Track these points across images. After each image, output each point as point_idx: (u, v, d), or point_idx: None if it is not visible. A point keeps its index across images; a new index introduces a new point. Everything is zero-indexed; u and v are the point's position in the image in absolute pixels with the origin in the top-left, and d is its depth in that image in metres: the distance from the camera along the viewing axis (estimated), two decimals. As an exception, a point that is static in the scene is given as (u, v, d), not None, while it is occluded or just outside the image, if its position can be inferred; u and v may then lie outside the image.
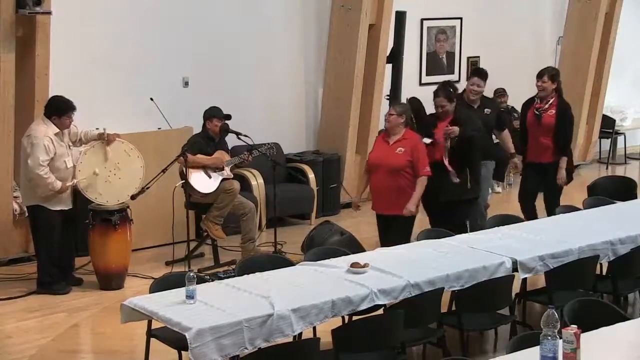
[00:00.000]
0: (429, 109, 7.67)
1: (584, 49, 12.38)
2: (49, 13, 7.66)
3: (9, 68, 7.60)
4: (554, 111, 8.11)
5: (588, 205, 7.65)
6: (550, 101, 8.15)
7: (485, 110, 8.05)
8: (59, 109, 7.15)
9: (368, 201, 7.45)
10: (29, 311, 6.99)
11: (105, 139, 7.41)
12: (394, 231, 6.87)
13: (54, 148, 7.09)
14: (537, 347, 3.97)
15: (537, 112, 8.16)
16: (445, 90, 7.37)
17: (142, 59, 8.96)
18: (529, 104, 8.36)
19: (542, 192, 8.28)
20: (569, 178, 8.21)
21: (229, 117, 8.06)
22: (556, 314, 3.93)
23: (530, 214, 8.06)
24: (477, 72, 8.33)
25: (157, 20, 9.06)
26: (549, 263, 6.02)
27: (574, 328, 3.95)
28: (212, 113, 8.06)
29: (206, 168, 7.89)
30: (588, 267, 6.13)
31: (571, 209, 7.43)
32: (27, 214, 7.59)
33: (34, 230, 7.40)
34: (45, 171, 7.03)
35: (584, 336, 4.01)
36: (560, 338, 3.93)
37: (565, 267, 5.99)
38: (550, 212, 7.72)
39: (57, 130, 7.15)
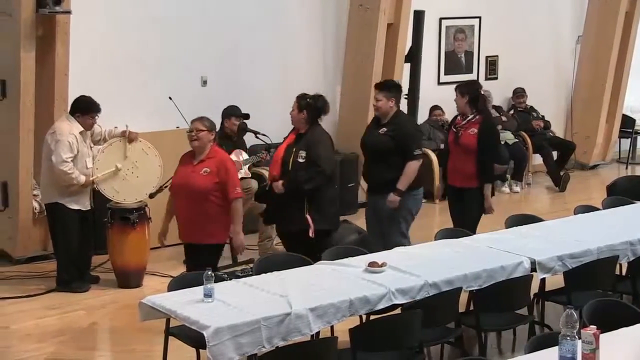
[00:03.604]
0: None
1: (604, 48, 12.31)
2: (69, 12, 7.70)
3: (29, 67, 7.65)
4: (475, 130, 7.15)
5: (607, 205, 7.61)
6: (470, 118, 7.21)
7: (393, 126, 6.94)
8: (83, 108, 7.21)
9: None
10: (48, 309, 7.04)
11: (127, 137, 7.46)
12: (200, 262, 5.94)
13: (77, 145, 7.14)
14: (556, 348, 3.96)
15: (454, 130, 7.32)
16: (300, 100, 6.71)
17: (161, 58, 9.00)
18: (452, 120, 7.59)
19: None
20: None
21: (247, 116, 8.08)
22: (575, 314, 3.92)
23: None
24: (377, 85, 7.20)
25: (176, 19, 9.09)
26: (568, 263, 5.98)
27: (593, 328, 3.93)
28: (230, 112, 8.08)
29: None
30: (607, 268, 6.09)
31: (590, 209, 7.39)
32: (46, 212, 7.64)
33: (53, 229, 7.44)
34: (69, 167, 7.08)
35: (603, 337, 3.99)
36: (579, 338, 3.91)
37: (584, 267, 5.96)
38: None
39: (82, 129, 7.20)
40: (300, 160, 6.59)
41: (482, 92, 7.55)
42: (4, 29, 7.77)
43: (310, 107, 6.66)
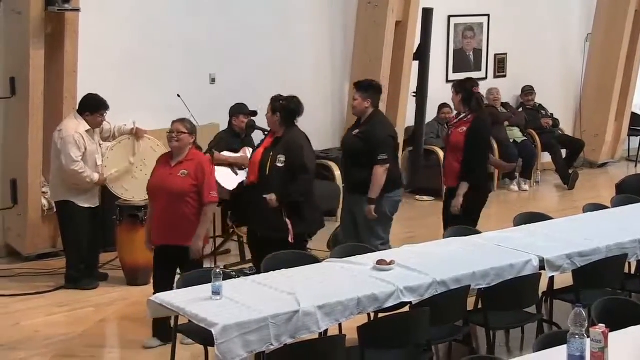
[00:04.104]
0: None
1: (613, 46, 12.28)
2: (78, 10, 7.72)
3: (39, 65, 7.67)
4: (464, 128, 6.97)
5: (616, 203, 7.59)
6: (463, 116, 7.06)
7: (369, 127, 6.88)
8: (92, 106, 7.22)
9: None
10: (57, 306, 7.06)
11: (135, 134, 7.48)
12: (174, 264, 6.06)
13: (84, 143, 7.15)
14: (565, 346, 3.95)
15: (446, 127, 7.22)
16: (273, 102, 6.61)
17: (170, 56, 9.01)
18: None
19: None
20: (476, 209, 7.09)
21: (255, 113, 8.07)
22: (584, 312, 3.91)
23: None
24: (355, 84, 7.08)
25: (184, 17, 9.10)
26: (577, 261, 5.97)
27: (602, 327, 3.92)
28: (238, 110, 8.08)
29: (232, 165, 7.92)
30: (616, 266, 6.08)
31: (599, 207, 7.37)
32: (55, 210, 7.67)
33: (62, 227, 7.46)
34: (79, 166, 7.09)
35: (612, 335, 3.98)
36: (588, 337, 3.91)
37: (593, 266, 5.94)
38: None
39: (88, 127, 7.21)
40: (279, 164, 6.41)
41: (477, 92, 7.24)
42: (13, 26, 7.80)
43: (283, 109, 6.51)
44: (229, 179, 7.84)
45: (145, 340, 6.15)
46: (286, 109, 6.53)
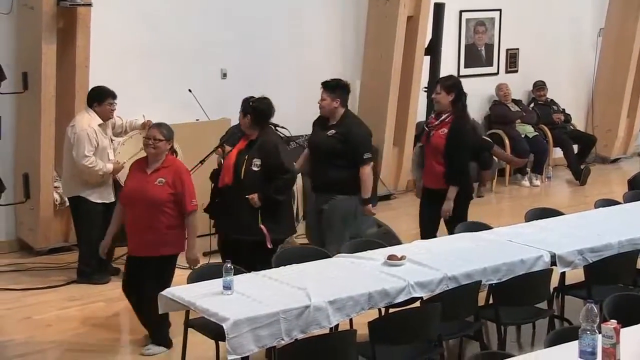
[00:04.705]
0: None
1: (626, 41, 12.22)
2: (90, 5, 7.74)
3: (51, 59, 7.69)
4: (445, 130, 6.79)
5: (628, 199, 7.56)
6: (444, 117, 6.84)
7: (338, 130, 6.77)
8: (98, 96, 7.24)
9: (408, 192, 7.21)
10: (69, 300, 7.09)
11: (147, 129, 7.48)
12: (149, 275, 5.88)
13: (96, 138, 7.17)
14: (576, 342, 3.94)
15: (427, 129, 7.01)
16: (244, 104, 6.50)
17: (181, 51, 9.02)
18: (427, 118, 7.28)
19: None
20: (464, 211, 6.91)
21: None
22: (595, 308, 3.90)
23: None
24: (323, 84, 6.90)
25: (196, 12, 9.11)
26: (588, 257, 5.96)
27: (613, 323, 3.90)
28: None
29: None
30: (628, 262, 6.05)
31: (611, 202, 7.35)
32: (67, 204, 7.70)
33: (75, 222, 7.49)
34: (90, 161, 7.11)
35: (624, 331, 3.97)
36: (600, 333, 3.89)
37: (605, 262, 5.93)
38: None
39: (100, 121, 7.23)
40: (255, 168, 6.29)
41: (465, 93, 6.98)
42: (25, 21, 7.82)
43: (254, 110, 6.39)
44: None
45: (146, 349, 6.02)
46: (256, 110, 6.39)
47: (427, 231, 6.89)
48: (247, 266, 5.60)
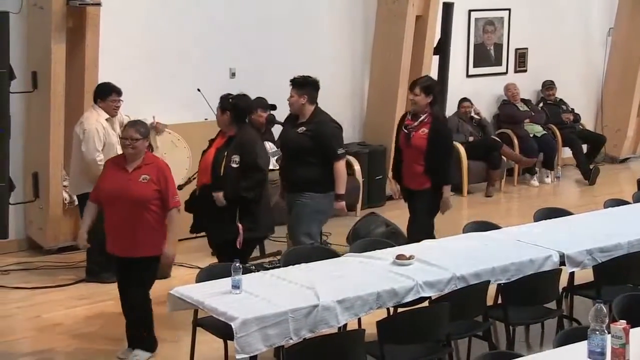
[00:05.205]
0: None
1: (635, 40, 12.18)
2: (99, 4, 7.76)
3: (60, 58, 7.71)
4: (426, 130, 6.84)
5: (638, 198, 7.54)
6: (422, 118, 6.87)
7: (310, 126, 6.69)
8: (102, 92, 7.27)
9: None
10: (77, 299, 7.10)
11: (154, 128, 7.50)
12: (138, 275, 5.80)
13: (105, 134, 7.19)
14: (585, 342, 3.93)
15: (405, 130, 6.96)
16: (222, 101, 6.42)
17: (190, 50, 9.03)
18: (402, 119, 7.19)
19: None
20: (435, 209, 7.00)
21: (274, 107, 8.07)
22: (605, 308, 3.89)
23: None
24: (291, 81, 6.91)
25: (205, 11, 9.11)
26: (598, 257, 5.95)
27: (622, 323, 3.89)
28: (256, 104, 8.08)
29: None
30: (638, 262, 6.03)
31: (620, 202, 7.33)
32: (76, 203, 7.71)
33: (84, 220, 7.50)
34: (101, 157, 7.12)
35: (633, 332, 3.96)
36: (609, 333, 3.88)
37: (614, 262, 5.91)
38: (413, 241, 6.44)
39: (107, 116, 7.24)
40: (234, 165, 6.24)
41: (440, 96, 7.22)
42: (35, 21, 7.84)
43: (233, 107, 6.34)
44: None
45: (133, 356, 5.87)
46: (236, 107, 6.36)
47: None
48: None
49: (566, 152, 11.82)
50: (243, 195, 6.30)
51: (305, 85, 6.79)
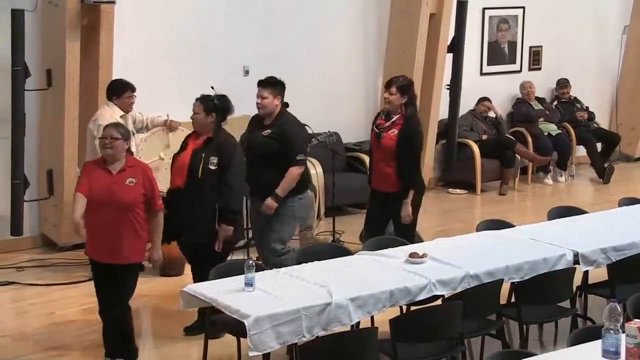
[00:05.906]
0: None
1: (651, 38, 12.13)
2: (113, 2, 7.77)
3: (75, 56, 7.74)
4: (396, 131, 6.62)
5: (652, 197, 7.51)
6: (395, 119, 6.67)
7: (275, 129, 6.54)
8: (117, 89, 7.29)
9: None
10: (91, 296, 7.04)
11: (168, 126, 7.52)
12: (124, 282, 5.65)
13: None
14: (599, 341, 3.92)
15: (377, 130, 6.75)
16: (206, 102, 6.26)
17: (204, 48, 9.05)
18: (376, 118, 6.99)
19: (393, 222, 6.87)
20: (416, 211, 6.79)
21: (286, 105, 8.06)
22: (619, 307, 3.88)
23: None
24: (261, 82, 6.72)
25: (218, 9, 9.13)
26: (612, 256, 5.93)
27: (637, 322, 3.88)
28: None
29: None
30: (652, 261, 6.01)
31: (635, 201, 7.30)
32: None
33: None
34: None
35: (648, 331, 3.94)
36: (623, 332, 3.87)
37: (629, 260, 5.89)
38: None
39: (122, 113, 7.27)
40: (212, 167, 6.05)
41: (416, 96, 6.91)
42: (50, 19, 7.87)
43: (218, 109, 6.20)
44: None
45: None
46: (221, 109, 6.23)
47: (373, 234, 6.60)
48: (198, 269, 5.52)
49: (580, 151, 11.78)
50: (234, 208, 6.15)
51: (278, 85, 6.63)
